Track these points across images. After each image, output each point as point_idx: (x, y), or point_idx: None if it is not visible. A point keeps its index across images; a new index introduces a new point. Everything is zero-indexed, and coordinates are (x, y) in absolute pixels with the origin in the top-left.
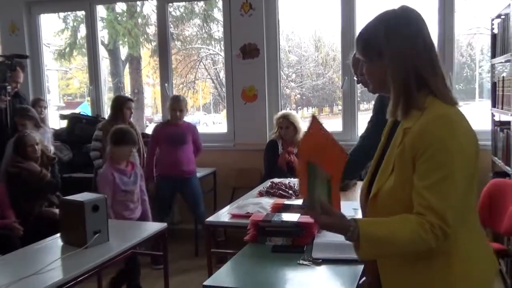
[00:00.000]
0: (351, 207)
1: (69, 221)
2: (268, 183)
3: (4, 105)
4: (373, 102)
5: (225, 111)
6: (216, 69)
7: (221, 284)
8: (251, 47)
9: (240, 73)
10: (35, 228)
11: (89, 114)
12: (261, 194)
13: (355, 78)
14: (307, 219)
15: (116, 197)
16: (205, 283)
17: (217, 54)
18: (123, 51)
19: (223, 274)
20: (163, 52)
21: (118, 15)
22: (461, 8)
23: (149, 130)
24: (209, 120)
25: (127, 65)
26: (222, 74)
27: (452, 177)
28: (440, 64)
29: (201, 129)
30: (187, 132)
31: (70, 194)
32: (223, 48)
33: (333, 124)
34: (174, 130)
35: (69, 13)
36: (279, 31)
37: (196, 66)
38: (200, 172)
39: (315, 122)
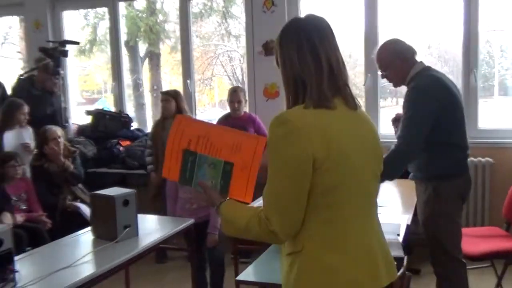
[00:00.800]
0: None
1: (100, 215)
2: None
3: (57, 89)
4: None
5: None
6: (232, 66)
7: (254, 279)
8: (273, 43)
9: (262, 70)
10: (61, 221)
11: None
12: None
13: (379, 73)
14: None
15: (180, 193)
16: (238, 278)
17: (234, 50)
18: (142, 48)
19: (261, 267)
20: (185, 48)
21: (138, 12)
22: (481, 5)
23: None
24: None
25: (146, 62)
26: (238, 71)
27: (270, 179)
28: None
29: None
30: (248, 124)
31: (94, 189)
32: (240, 44)
33: None
34: (234, 122)
35: (89, 10)
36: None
37: (213, 63)
38: None
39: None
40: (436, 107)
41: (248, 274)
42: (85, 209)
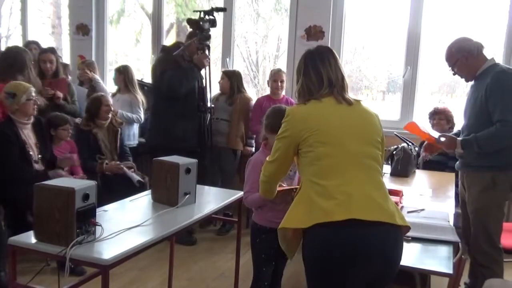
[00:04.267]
0: (417, 192)
1: (162, 181)
2: None
3: (208, 63)
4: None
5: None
6: (248, 47)
7: None
8: (316, 29)
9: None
10: (102, 184)
11: None
12: None
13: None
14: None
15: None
16: None
17: (253, 32)
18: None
19: None
20: (227, 25)
21: None
22: None
23: None
24: None
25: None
26: (253, 53)
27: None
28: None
29: None
30: None
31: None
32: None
33: None
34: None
35: None
36: (345, 16)
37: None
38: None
39: None
40: None
41: None
42: (138, 177)
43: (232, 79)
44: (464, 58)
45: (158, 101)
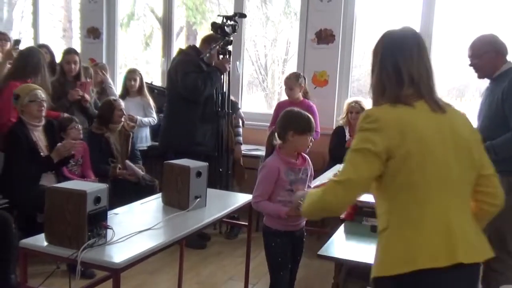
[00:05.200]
0: None
1: (173, 184)
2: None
3: (229, 68)
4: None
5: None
6: (257, 51)
7: (336, 255)
8: (327, 32)
9: (313, 58)
10: (112, 188)
11: None
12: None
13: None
14: None
15: (277, 196)
16: (319, 253)
17: (262, 36)
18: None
19: (334, 246)
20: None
21: None
22: None
23: None
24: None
25: (184, 41)
26: (262, 57)
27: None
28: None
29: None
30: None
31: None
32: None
33: None
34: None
35: None
36: (356, 20)
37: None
38: (260, 151)
39: None
40: None
41: (326, 249)
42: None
43: None
44: (494, 52)
45: (176, 104)
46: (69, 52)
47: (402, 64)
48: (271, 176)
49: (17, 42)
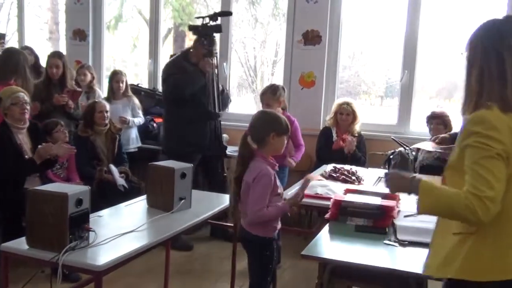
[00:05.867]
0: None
1: (157, 186)
2: (329, 167)
3: (211, 69)
4: None
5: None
6: (246, 52)
7: (320, 254)
8: (313, 33)
9: (300, 59)
10: (97, 191)
11: None
12: (323, 178)
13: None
14: (388, 202)
15: (269, 203)
16: (303, 253)
17: (251, 38)
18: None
19: (318, 246)
20: (223, 30)
21: None
22: None
23: None
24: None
25: (172, 43)
26: (251, 58)
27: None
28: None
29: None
30: None
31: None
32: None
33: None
34: None
35: None
36: (342, 21)
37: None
38: None
39: None
40: None
41: (310, 249)
42: (123, 181)
43: None
44: None
45: (169, 107)
46: (53, 56)
47: (506, 59)
48: (270, 185)
49: (2, 36)
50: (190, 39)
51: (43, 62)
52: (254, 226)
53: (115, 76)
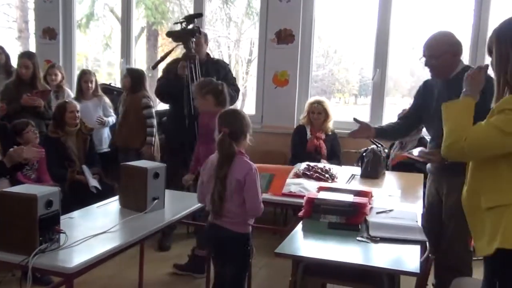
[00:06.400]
0: (386, 193)
1: (130, 186)
2: (303, 165)
3: (183, 72)
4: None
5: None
6: (220, 51)
7: (293, 252)
8: (286, 32)
9: (273, 58)
10: (70, 192)
11: None
12: (297, 176)
13: (421, 60)
14: (361, 200)
15: None
16: (276, 251)
17: (225, 37)
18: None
19: (292, 244)
20: None
21: None
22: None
23: None
24: None
25: (145, 42)
26: (226, 57)
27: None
28: None
29: None
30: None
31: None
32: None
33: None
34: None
35: None
36: (314, 20)
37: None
38: None
39: None
40: None
41: (284, 247)
42: (95, 183)
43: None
44: (451, 54)
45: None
46: (22, 56)
47: None
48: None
49: None
50: (163, 38)
51: (14, 62)
52: (241, 224)
53: (84, 76)
